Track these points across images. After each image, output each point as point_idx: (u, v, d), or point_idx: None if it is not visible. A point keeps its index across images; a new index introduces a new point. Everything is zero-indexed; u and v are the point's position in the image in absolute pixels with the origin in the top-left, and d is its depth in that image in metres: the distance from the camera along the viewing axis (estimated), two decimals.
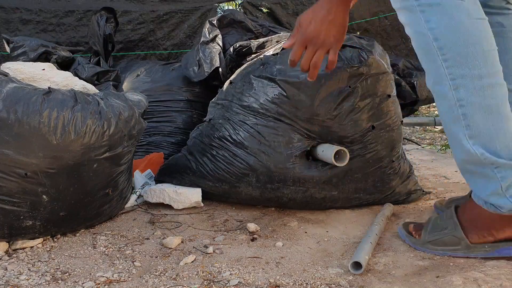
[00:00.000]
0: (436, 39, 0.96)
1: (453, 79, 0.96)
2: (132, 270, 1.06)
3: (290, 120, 1.35)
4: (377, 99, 1.38)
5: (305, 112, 1.34)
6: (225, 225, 1.37)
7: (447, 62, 0.96)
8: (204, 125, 1.53)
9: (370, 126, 1.37)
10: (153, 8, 2.69)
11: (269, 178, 1.39)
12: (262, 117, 1.38)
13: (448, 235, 1.09)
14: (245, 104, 1.41)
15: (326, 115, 1.34)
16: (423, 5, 0.95)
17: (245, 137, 1.40)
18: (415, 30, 0.99)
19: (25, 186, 1.10)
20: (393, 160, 1.44)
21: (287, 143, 1.36)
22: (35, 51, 1.91)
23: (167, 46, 2.75)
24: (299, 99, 1.34)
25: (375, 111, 1.38)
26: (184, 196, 1.47)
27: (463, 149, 1.00)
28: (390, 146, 1.43)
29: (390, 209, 1.43)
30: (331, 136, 1.37)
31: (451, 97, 0.98)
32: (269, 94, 1.37)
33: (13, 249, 1.16)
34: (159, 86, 1.96)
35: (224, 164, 1.42)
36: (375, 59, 1.34)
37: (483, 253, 1.06)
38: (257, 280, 1.00)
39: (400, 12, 1.02)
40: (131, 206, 1.51)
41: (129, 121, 1.25)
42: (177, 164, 1.56)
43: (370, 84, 1.35)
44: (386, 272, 1.04)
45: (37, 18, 2.50)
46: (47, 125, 1.10)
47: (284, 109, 1.35)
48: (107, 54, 2.21)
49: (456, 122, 0.99)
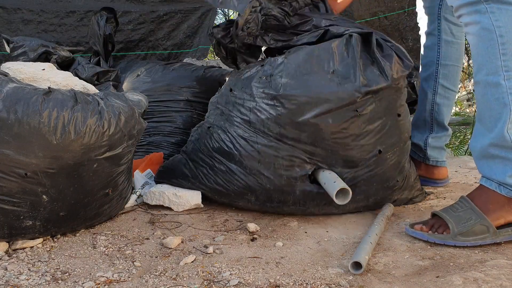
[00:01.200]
0: (501, 36, 1.13)
1: (508, 71, 1.13)
2: (132, 270, 1.06)
3: (293, 141, 1.28)
4: (387, 120, 1.31)
5: (309, 135, 1.27)
6: (225, 225, 1.37)
7: (505, 56, 1.13)
8: (204, 130, 1.48)
9: (377, 150, 1.31)
10: (153, 8, 2.69)
11: (269, 198, 1.37)
12: (263, 135, 1.31)
13: (477, 224, 1.15)
14: (245, 118, 1.34)
15: (332, 139, 1.27)
16: (493, 8, 1.14)
17: (244, 156, 1.34)
18: (483, 27, 1.15)
19: (25, 186, 1.10)
20: (398, 180, 1.41)
21: (288, 166, 1.30)
22: (35, 51, 1.92)
23: (167, 46, 2.75)
24: (303, 121, 1.26)
25: (384, 134, 1.31)
26: (184, 199, 1.47)
27: (497, 133, 1.15)
28: (396, 167, 1.38)
29: (391, 209, 1.43)
30: (335, 160, 1.30)
31: (504, 86, 1.13)
32: (272, 113, 1.29)
33: (13, 249, 1.16)
34: (159, 86, 1.96)
35: (223, 180, 1.40)
36: (393, 77, 1.27)
37: (507, 236, 1.16)
38: (257, 280, 1.00)
39: (468, 15, 1.18)
40: (131, 206, 1.51)
41: (129, 121, 1.25)
42: (176, 169, 1.54)
43: (380, 106, 1.29)
44: (386, 272, 1.04)
45: (38, 18, 2.50)
46: (47, 125, 1.10)
47: (287, 130, 1.28)
48: (107, 54, 2.22)
49: (505, 108, 1.14)
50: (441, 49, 1.63)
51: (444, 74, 1.64)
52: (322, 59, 1.30)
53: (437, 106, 1.66)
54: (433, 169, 1.70)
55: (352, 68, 1.27)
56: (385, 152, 1.32)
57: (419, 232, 1.21)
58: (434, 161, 1.69)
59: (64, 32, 2.56)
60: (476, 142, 1.21)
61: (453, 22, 1.61)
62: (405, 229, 1.25)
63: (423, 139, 1.69)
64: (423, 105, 1.68)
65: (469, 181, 1.84)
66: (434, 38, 1.63)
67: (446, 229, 1.18)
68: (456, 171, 2.04)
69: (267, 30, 1.45)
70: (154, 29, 2.71)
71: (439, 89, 1.65)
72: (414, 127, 1.70)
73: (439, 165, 1.70)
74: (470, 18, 1.18)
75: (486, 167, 1.20)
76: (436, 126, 1.68)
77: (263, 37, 1.45)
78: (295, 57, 1.31)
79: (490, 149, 1.17)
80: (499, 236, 1.15)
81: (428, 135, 1.68)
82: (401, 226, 1.34)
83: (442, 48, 1.62)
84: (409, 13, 2.77)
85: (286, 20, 1.45)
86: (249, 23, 1.38)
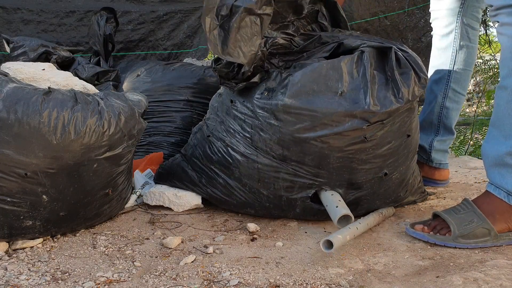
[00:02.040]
0: None
1: None
2: (132, 270, 1.06)
3: (296, 163, 1.23)
4: (396, 143, 1.25)
5: (314, 158, 1.21)
6: (225, 225, 1.37)
7: None
8: (204, 137, 1.43)
9: (383, 173, 1.26)
10: (153, 9, 2.69)
11: (268, 213, 1.36)
12: (264, 154, 1.25)
13: (479, 227, 1.15)
14: (246, 135, 1.28)
15: (337, 163, 1.21)
16: None
17: (243, 173, 1.30)
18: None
19: (25, 186, 1.10)
20: (401, 195, 1.38)
21: (289, 187, 1.26)
22: (35, 51, 1.92)
23: (167, 46, 2.75)
24: (308, 143, 1.20)
25: (391, 156, 1.25)
26: (184, 199, 1.47)
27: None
28: (400, 184, 1.34)
29: (390, 210, 1.42)
30: (339, 182, 1.25)
31: None
32: (275, 134, 1.22)
33: (13, 249, 1.16)
34: (159, 86, 1.96)
35: (222, 192, 1.38)
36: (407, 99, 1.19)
37: (508, 240, 1.16)
38: (257, 280, 1.00)
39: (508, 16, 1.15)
40: (131, 206, 1.51)
41: (129, 121, 1.25)
42: (175, 173, 1.51)
43: (391, 131, 1.22)
44: (386, 272, 1.04)
45: (38, 18, 2.50)
46: (47, 125, 1.10)
47: (291, 151, 1.22)
48: (107, 54, 2.22)
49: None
50: (456, 52, 1.61)
51: (456, 78, 1.62)
52: (329, 78, 1.20)
53: (446, 110, 1.64)
54: (435, 171, 1.69)
55: (362, 90, 1.18)
56: (390, 174, 1.28)
57: (419, 233, 1.21)
58: (437, 164, 1.67)
59: (64, 32, 2.56)
60: (491, 148, 1.19)
61: (471, 26, 1.60)
62: (405, 229, 1.25)
63: (429, 141, 1.67)
64: (431, 108, 1.66)
65: (469, 181, 1.84)
66: (450, 41, 1.61)
67: (448, 230, 1.17)
68: (456, 171, 2.04)
69: (272, 54, 1.36)
70: (154, 29, 2.70)
71: (449, 93, 1.63)
72: (419, 128, 1.68)
73: (442, 167, 1.69)
74: (509, 18, 1.14)
75: (497, 175, 1.18)
76: (443, 129, 1.66)
77: (270, 61, 1.35)
78: (301, 74, 1.21)
79: (507, 158, 1.15)
80: (500, 240, 1.16)
81: (433, 137, 1.67)
82: (401, 226, 1.34)
83: (458, 51, 1.61)
84: (409, 13, 2.77)
85: (293, 45, 1.36)
86: (255, 62, 1.24)
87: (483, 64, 3.47)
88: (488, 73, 3.46)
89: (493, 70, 3.41)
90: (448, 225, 1.17)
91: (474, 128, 3.23)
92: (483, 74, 3.52)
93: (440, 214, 1.21)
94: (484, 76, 3.54)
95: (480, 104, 3.71)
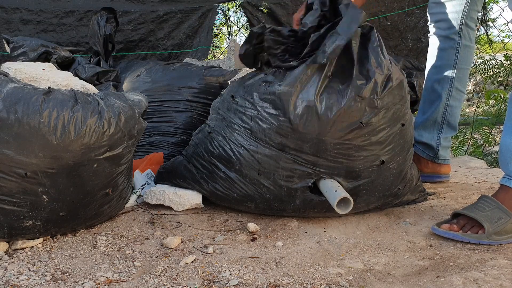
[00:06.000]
0: None
1: None
2: (132, 270, 1.06)
3: (295, 151, 1.26)
4: (391, 131, 1.28)
5: (312, 146, 1.24)
6: (225, 225, 1.37)
7: None
8: (205, 134, 1.46)
9: (380, 161, 1.29)
10: (153, 8, 2.70)
11: (268, 206, 1.37)
12: (264, 145, 1.28)
13: (508, 223, 1.19)
14: (246, 127, 1.31)
15: (335, 150, 1.25)
16: None
17: (244, 164, 1.32)
18: None
19: (25, 186, 1.10)
20: (400, 188, 1.40)
21: (288, 177, 1.28)
22: (35, 51, 1.92)
23: (167, 46, 2.75)
24: (306, 132, 1.23)
25: (387, 144, 1.29)
26: (184, 198, 1.47)
27: None
28: (399, 176, 1.37)
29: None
30: (338, 170, 1.27)
31: None
32: (274, 122, 1.26)
33: (13, 249, 1.16)
34: (159, 86, 1.96)
35: (222, 187, 1.39)
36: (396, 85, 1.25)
37: None
38: (257, 280, 1.00)
39: None
40: (131, 206, 1.51)
41: (129, 121, 1.25)
42: (176, 171, 1.52)
43: (385, 117, 1.26)
44: (386, 272, 1.04)
45: (37, 18, 2.50)
46: (47, 125, 1.09)
47: (290, 140, 1.25)
48: (107, 54, 2.22)
49: None
50: (459, 53, 1.66)
51: (459, 77, 1.68)
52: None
53: (450, 108, 1.71)
54: (440, 167, 1.76)
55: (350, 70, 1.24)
56: (388, 162, 1.30)
57: (451, 232, 1.21)
58: (442, 160, 1.75)
59: (64, 32, 2.56)
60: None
61: (471, 27, 1.66)
62: (432, 229, 1.24)
63: (435, 139, 1.74)
64: (435, 107, 1.72)
65: (469, 181, 1.84)
66: (453, 42, 1.66)
67: (480, 228, 1.19)
68: (456, 171, 2.04)
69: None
70: (154, 29, 2.71)
71: (453, 92, 1.69)
72: (422, 127, 1.75)
73: (446, 163, 1.77)
74: None
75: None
76: (447, 126, 1.73)
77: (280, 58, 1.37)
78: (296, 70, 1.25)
79: None
80: None
81: (439, 135, 1.73)
82: (401, 226, 1.34)
83: (461, 52, 1.66)
84: (409, 13, 2.77)
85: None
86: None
87: (483, 64, 3.47)
88: (488, 73, 3.46)
89: (493, 70, 3.41)
90: (479, 223, 1.19)
91: (473, 128, 3.24)
92: (483, 74, 3.52)
93: (466, 213, 1.23)
94: (484, 76, 3.54)
95: (480, 104, 3.71)
